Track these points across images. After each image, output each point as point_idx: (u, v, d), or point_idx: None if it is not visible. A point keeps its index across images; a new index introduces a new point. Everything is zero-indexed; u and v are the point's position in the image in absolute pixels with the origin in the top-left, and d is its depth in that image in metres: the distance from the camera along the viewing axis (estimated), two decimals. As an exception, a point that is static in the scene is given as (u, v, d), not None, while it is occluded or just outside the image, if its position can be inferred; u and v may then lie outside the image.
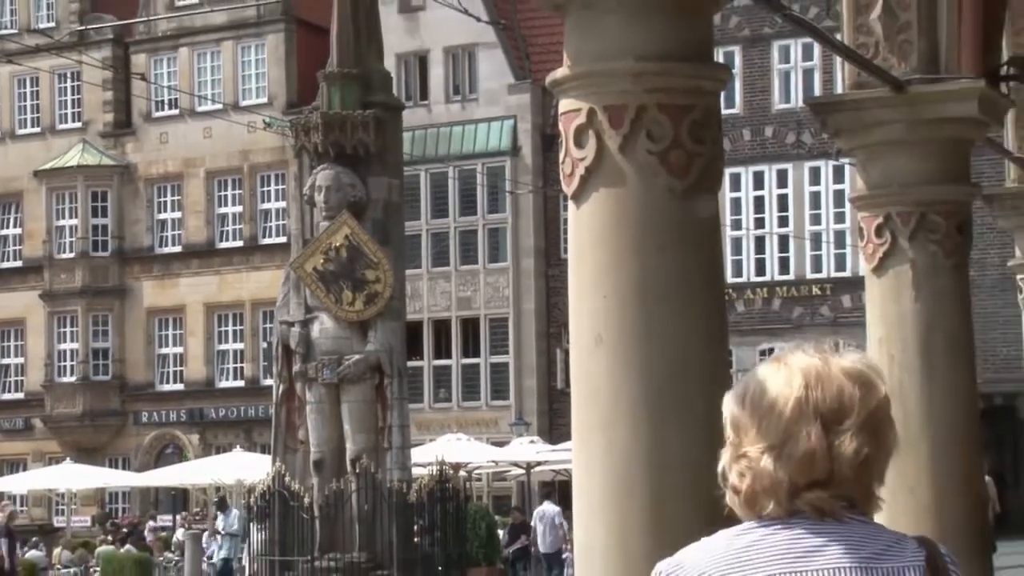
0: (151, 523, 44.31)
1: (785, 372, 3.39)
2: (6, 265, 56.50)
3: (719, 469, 3.48)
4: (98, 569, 38.11)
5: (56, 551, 42.36)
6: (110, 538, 41.59)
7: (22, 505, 48.00)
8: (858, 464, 3.34)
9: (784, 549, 3.40)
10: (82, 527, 45.15)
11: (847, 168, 36.05)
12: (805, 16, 12.84)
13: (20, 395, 56.14)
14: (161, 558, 40.22)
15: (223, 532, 33.62)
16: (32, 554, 38.95)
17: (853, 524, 3.42)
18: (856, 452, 3.33)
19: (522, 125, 49.67)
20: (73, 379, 54.74)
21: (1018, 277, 12.64)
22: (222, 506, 36.94)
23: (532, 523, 39.62)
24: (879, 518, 3.37)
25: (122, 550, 38.24)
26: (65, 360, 54.93)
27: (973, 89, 9.10)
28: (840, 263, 45.96)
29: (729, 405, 3.46)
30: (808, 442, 3.30)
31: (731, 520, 3.11)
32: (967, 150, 9.45)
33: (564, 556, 35.97)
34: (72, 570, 37.54)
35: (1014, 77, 10.12)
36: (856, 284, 29.90)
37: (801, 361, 3.38)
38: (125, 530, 41.50)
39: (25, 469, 50.15)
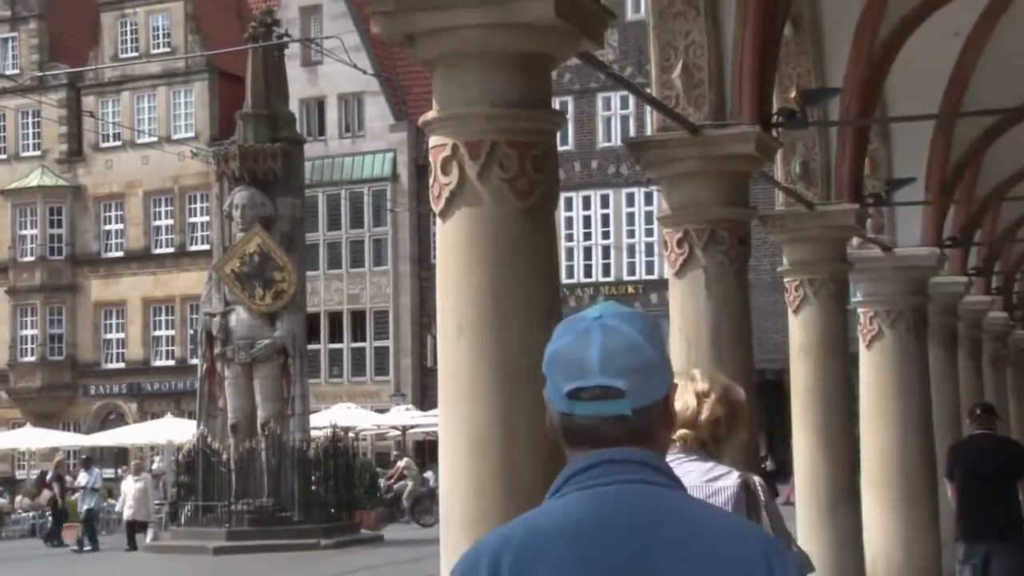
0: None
1: (684, 375, 5.19)
2: (-22, 267, 55.63)
3: None
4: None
5: (17, 499, 41.90)
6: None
7: None
8: (709, 425, 5.06)
9: (680, 469, 4.08)
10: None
11: (655, 193, 36.32)
12: (623, 74, 13.00)
13: (-12, 373, 55.41)
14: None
15: (86, 487, 32.95)
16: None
17: (702, 457, 5.07)
18: (713, 413, 5.10)
19: (400, 157, 49.56)
20: (33, 359, 54.05)
21: (785, 280, 12.78)
22: (86, 464, 36.31)
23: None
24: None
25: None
26: (27, 344, 54.26)
27: (751, 133, 9.24)
28: (649, 268, 46.29)
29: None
30: (690, 403, 5.10)
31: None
32: (746, 180, 9.56)
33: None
34: (29, 514, 36.93)
35: (782, 124, 10.27)
36: (662, 285, 30.13)
37: (695, 374, 5.41)
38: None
39: (-10, 432, 49.43)
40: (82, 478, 34.46)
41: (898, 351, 15.33)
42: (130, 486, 32.26)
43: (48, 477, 37.63)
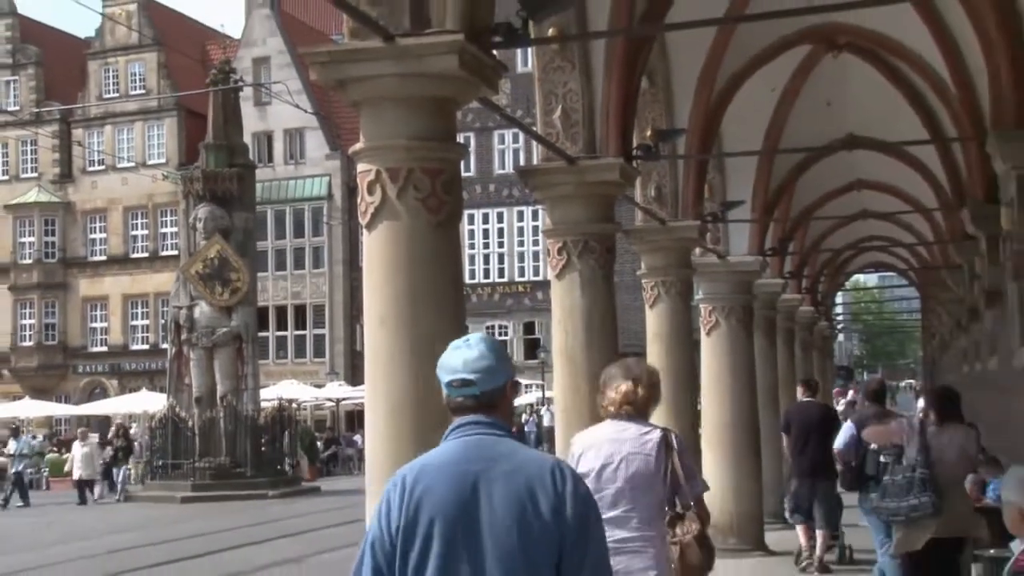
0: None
1: (621, 366, 5.90)
2: (-16, 269, 54.81)
3: (601, 401, 5.82)
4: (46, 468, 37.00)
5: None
6: (55, 449, 40.55)
7: None
8: (642, 400, 5.67)
9: (616, 428, 5.69)
10: (36, 443, 43.27)
11: (540, 211, 36.47)
12: (514, 115, 12.99)
13: (-7, 353, 54.56)
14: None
15: (15, 454, 32.19)
16: (1, 460, 37.42)
17: (637, 422, 5.68)
18: (646, 392, 5.70)
19: (334, 180, 49.28)
20: (31, 344, 53.08)
21: (643, 281, 12.83)
22: (15, 434, 35.62)
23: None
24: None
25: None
26: (25, 331, 53.35)
27: (616, 164, 9.27)
28: (536, 271, 46.42)
29: (605, 377, 5.83)
30: (627, 386, 5.65)
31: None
32: (613, 201, 9.58)
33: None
34: (29, 470, 35.92)
35: (640, 157, 10.32)
36: (545, 285, 30.29)
37: (629, 361, 6.09)
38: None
39: (-7, 402, 48.76)
40: (11, 446, 33.58)
41: (731, 338, 15.50)
42: (78, 450, 31.22)
43: None
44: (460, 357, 3.67)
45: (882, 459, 9.71)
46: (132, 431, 39.41)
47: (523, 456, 3.58)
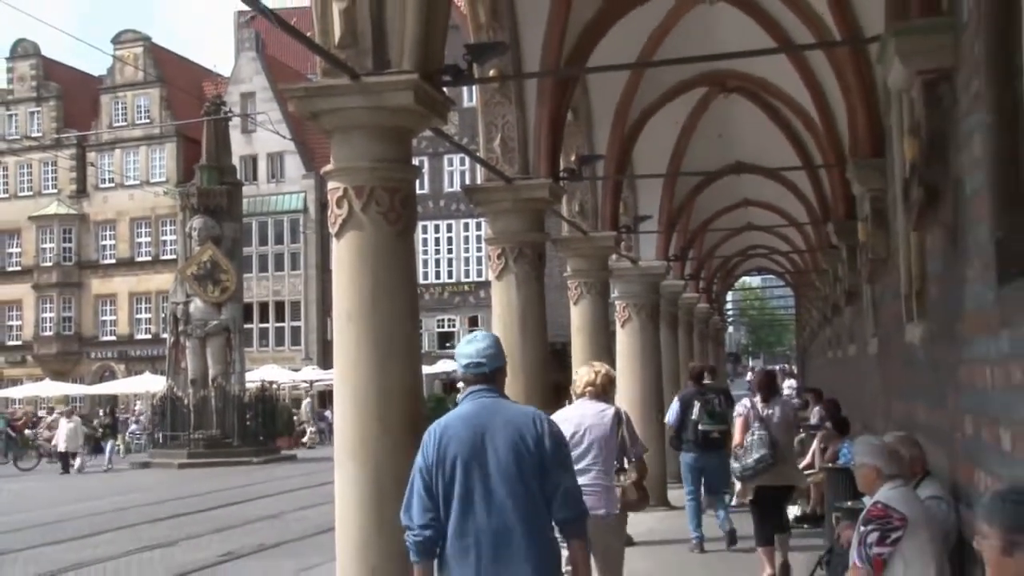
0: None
1: (588, 364, 7.11)
2: (12, 269, 53.79)
3: (575, 389, 6.96)
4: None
5: (39, 431, 40.18)
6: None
7: (18, 405, 46.32)
8: (600, 387, 6.70)
9: (583, 405, 6.68)
10: (54, 419, 42.60)
11: (483, 223, 36.51)
12: (461, 142, 12.94)
13: (20, 342, 53.45)
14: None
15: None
16: (28, 432, 36.69)
17: (597, 401, 6.67)
18: (603, 381, 6.72)
19: (309, 196, 48.90)
20: (51, 333, 52.40)
21: (568, 282, 12.85)
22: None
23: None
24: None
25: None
26: (46, 323, 52.64)
27: (545, 184, 9.31)
28: (479, 273, 46.28)
29: (577, 372, 7.07)
30: (589, 376, 6.74)
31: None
32: (543, 215, 9.63)
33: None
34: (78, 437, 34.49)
35: (566, 178, 10.35)
36: (487, 285, 30.29)
37: (593, 362, 7.30)
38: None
39: (22, 384, 47.84)
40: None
41: (641, 330, 15.60)
42: (63, 426, 30.52)
43: None
44: (473, 347, 4.46)
45: (701, 427, 11.15)
46: (137, 408, 38.83)
47: (514, 409, 4.46)
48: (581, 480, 5.54)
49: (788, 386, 36.62)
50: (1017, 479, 3.48)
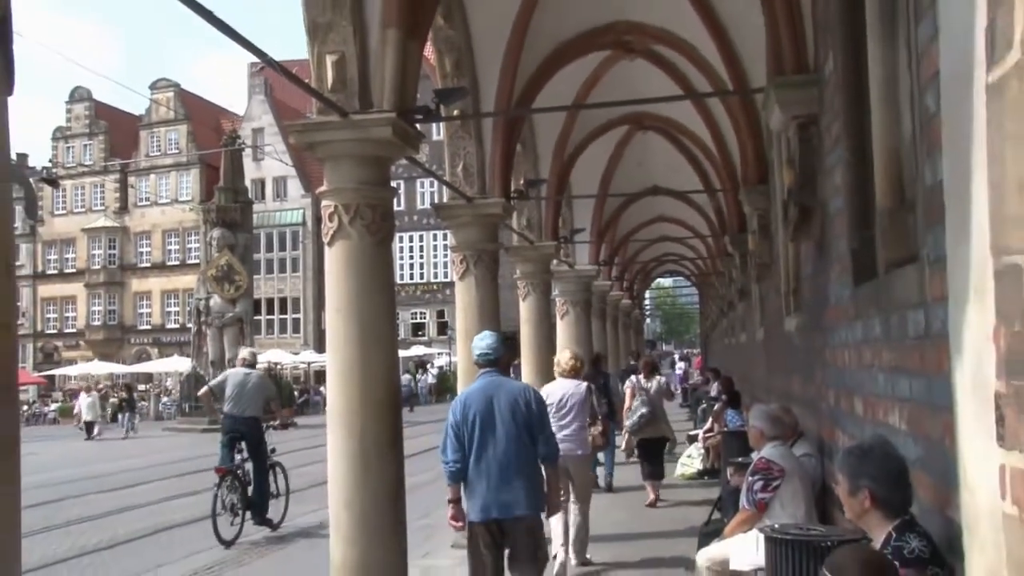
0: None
1: (566, 349, 7.87)
2: (68, 271, 53.76)
3: (559, 370, 7.59)
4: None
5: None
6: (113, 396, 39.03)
7: (74, 381, 46.15)
8: (573, 368, 7.40)
9: (563, 381, 7.31)
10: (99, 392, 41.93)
11: (449, 234, 36.39)
12: (431, 168, 12.91)
13: (75, 330, 53.22)
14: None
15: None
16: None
17: (572, 378, 7.32)
18: (577, 365, 7.42)
19: (307, 213, 48.57)
20: (99, 323, 52.26)
21: (518, 282, 12.82)
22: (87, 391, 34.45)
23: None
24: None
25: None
26: (95, 315, 52.48)
27: (500, 202, 9.30)
28: (445, 275, 46.20)
29: (557, 357, 7.78)
30: (568, 362, 7.46)
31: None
32: (497, 228, 9.60)
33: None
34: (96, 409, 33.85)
35: (516, 197, 10.36)
36: (452, 285, 30.38)
37: (571, 352, 7.67)
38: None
39: (76, 364, 47.51)
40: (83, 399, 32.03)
41: (576, 321, 15.66)
42: (85, 399, 30.14)
43: None
44: (485, 343, 5.23)
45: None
46: (168, 384, 38.16)
47: (512, 384, 5.27)
48: (565, 432, 7.08)
49: (679, 367, 39.01)
50: (864, 438, 3.55)
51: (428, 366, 44.92)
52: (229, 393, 10.24)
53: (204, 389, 11.18)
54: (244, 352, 11.42)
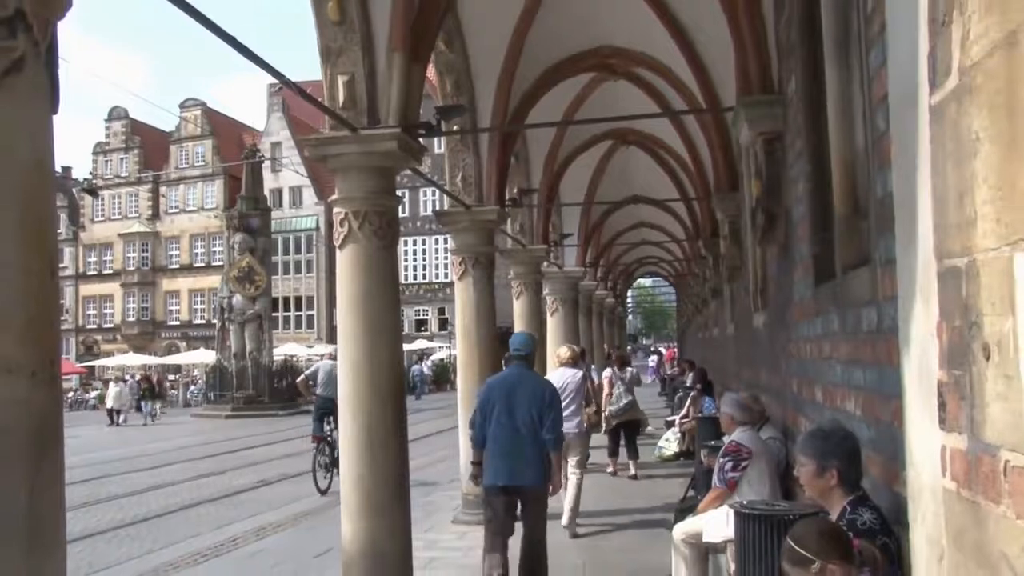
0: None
1: (566, 348, 8.20)
2: (106, 272, 53.82)
3: (558, 360, 8.04)
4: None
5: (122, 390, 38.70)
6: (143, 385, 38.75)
7: (111, 371, 45.88)
8: (572, 358, 7.87)
9: (563, 370, 7.81)
10: (134, 382, 41.72)
11: (449, 238, 36.29)
12: (433, 178, 12.86)
13: (112, 325, 53.24)
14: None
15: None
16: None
17: (572, 367, 7.77)
18: (575, 356, 7.94)
19: (321, 219, 48.37)
20: (133, 319, 52.14)
21: (512, 283, 12.78)
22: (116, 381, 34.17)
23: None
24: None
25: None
26: (130, 312, 52.37)
27: (495, 209, 9.31)
28: (446, 276, 46.14)
29: (558, 350, 8.25)
30: (567, 354, 8.00)
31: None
32: (493, 233, 9.59)
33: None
34: (128, 395, 33.51)
35: (510, 204, 10.38)
36: (452, 284, 30.34)
37: (569, 345, 8.54)
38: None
39: (113, 355, 47.32)
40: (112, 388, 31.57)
41: (565, 318, 15.65)
42: (112, 388, 30.01)
43: None
44: (519, 340, 5.72)
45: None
46: (194, 374, 37.98)
47: (533, 376, 5.73)
48: (565, 412, 7.23)
49: (652, 360, 39.29)
50: (823, 422, 3.57)
51: (425, 358, 44.93)
52: (321, 379, 11.65)
53: (301, 378, 12.63)
54: (331, 349, 12.57)
